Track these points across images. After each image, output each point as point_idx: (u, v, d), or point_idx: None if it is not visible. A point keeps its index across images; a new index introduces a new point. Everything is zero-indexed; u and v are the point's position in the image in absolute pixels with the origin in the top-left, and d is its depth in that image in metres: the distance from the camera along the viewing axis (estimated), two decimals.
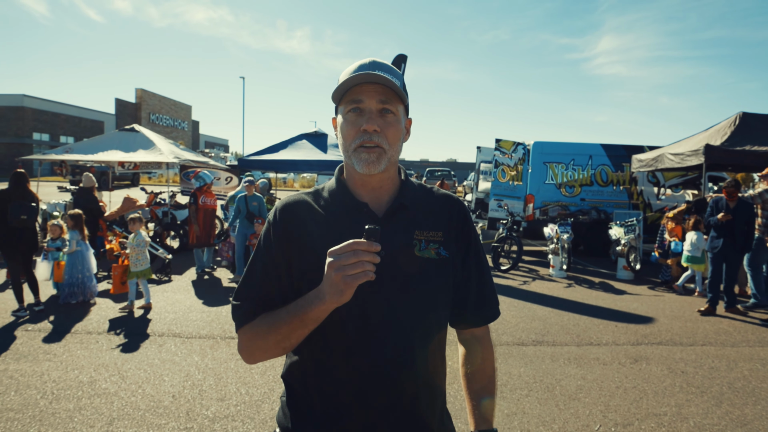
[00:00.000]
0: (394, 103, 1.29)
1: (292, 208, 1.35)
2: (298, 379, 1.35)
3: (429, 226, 1.34)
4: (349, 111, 1.28)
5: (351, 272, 1.06)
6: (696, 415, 4.05)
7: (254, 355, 1.30)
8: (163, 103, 61.94)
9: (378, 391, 1.24)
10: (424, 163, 69.04)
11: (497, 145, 12.50)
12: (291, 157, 12.25)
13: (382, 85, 1.26)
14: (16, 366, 4.69)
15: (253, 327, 1.28)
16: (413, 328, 1.27)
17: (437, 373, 1.36)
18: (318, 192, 1.40)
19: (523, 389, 4.46)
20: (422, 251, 1.31)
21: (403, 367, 1.25)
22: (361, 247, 1.07)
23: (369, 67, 1.27)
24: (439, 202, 1.41)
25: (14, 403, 3.99)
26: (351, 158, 1.28)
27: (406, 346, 1.26)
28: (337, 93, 1.30)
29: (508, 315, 6.78)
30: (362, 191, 1.35)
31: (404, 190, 1.38)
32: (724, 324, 6.63)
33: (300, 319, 1.17)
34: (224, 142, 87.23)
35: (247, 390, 4.30)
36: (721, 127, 9.86)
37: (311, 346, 1.29)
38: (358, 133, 1.26)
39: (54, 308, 6.59)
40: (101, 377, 4.49)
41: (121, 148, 11.83)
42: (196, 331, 5.79)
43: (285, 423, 1.35)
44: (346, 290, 1.08)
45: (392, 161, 1.32)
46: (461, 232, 1.40)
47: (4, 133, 45.39)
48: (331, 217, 1.32)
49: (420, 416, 1.30)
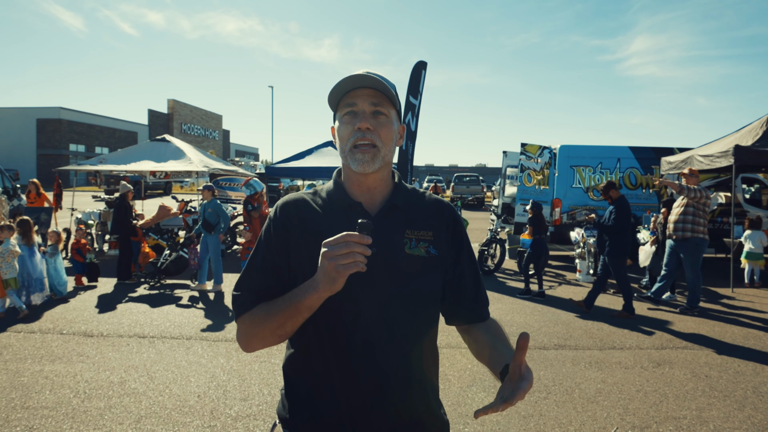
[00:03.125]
0: (386, 106, 1.37)
1: (291, 206, 1.44)
2: (295, 369, 1.42)
3: (420, 226, 1.42)
4: (344, 114, 1.38)
5: (343, 262, 1.12)
6: (717, 418, 4.00)
7: (251, 343, 1.37)
8: (194, 113, 63.36)
9: (370, 382, 1.31)
10: (452, 169, 68.97)
11: (523, 149, 12.44)
12: (316, 164, 12.45)
13: (374, 89, 1.35)
14: (51, 367, 4.91)
15: (251, 315, 1.35)
16: (404, 321, 1.34)
17: (428, 365, 1.43)
18: (316, 192, 1.49)
19: (541, 392, 4.47)
20: (412, 249, 1.38)
21: (395, 358, 1.33)
22: (354, 239, 1.13)
23: (362, 74, 1.36)
24: (430, 206, 1.49)
25: (49, 401, 4.18)
26: (348, 158, 1.37)
27: (397, 338, 1.33)
28: (333, 97, 1.39)
29: (531, 319, 6.77)
30: (357, 191, 1.43)
31: (397, 192, 1.46)
32: (753, 328, 6.49)
33: (295, 307, 1.24)
34: (254, 151, 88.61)
35: (269, 390, 4.42)
36: (753, 127, 9.65)
37: (306, 337, 1.36)
38: (352, 132, 1.35)
39: (87, 314, 6.84)
40: (131, 378, 4.67)
41: (152, 158, 12.20)
42: (222, 335, 5.95)
43: (283, 414, 1.43)
44: (338, 279, 1.15)
45: (386, 161, 1.39)
46: (452, 233, 1.47)
47: (42, 144, 47.10)
48: (327, 214, 1.40)
49: (411, 405, 1.37)
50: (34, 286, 7.08)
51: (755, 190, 12.74)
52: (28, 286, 7.02)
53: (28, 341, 5.64)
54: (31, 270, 7.10)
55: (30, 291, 7.04)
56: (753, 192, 12.73)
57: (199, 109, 64.68)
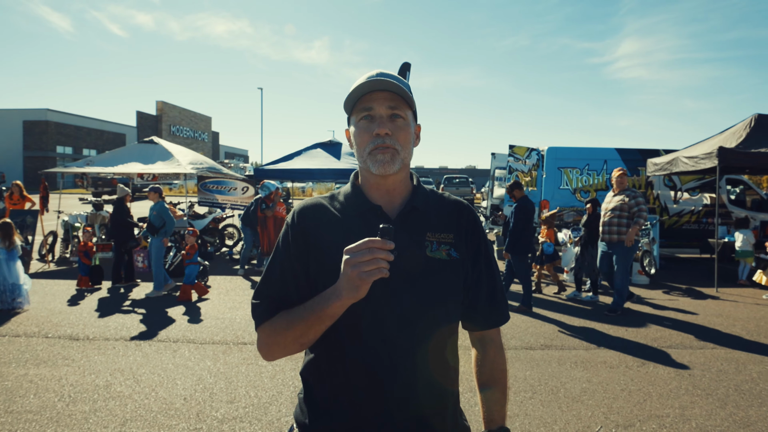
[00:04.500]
0: (402, 108, 1.36)
1: (309, 211, 1.41)
2: (314, 375, 1.39)
3: (440, 228, 1.40)
4: (361, 119, 1.36)
5: (366, 269, 1.11)
6: (699, 416, 4.05)
7: (272, 352, 1.35)
8: (183, 115, 63.01)
9: (391, 388, 1.28)
10: (442, 170, 69.00)
11: (511, 151, 12.53)
12: (305, 166, 12.43)
13: (389, 92, 1.33)
14: (36, 371, 4.87)
15: (271, 324, 1.33)
16: (424, 326, 1.31)
17: (448, 372, 1.40)
18: (334, 196, 1.46)
19: (527, 392, 4.50)
20: (434, 252, 1.36)
21: (415, 364, 1.30)
22: (376, 245, 1.12)
23: (376, 77, 1.33)
24: (450, 207, 1.47)
25: (33, 405, 4.15)
26: (366, 161, 1.35)
27: (417, 344, 1.30)
28: (349, 102, 1.37)
29: (518, 319, 6.81)
30: (376, 194, 1.40)
31: (416, 194, 1.43)
32: (737, 328, 6.58)
33: (317, 315, 1.22)
34: (244, 153, 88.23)
35: (256, 393, 4.42)
36: (737, 129, 9.78)
37: (327, 343, 1.33)
38: (371, 138, 1.33)
39: (73, 317, 6.79)
40: (116, 381, 4.65)
41: (140, 160, 12.11)
42: (209, 337, 5.93)
43: (302, 419, 1.39)
44: (361, 286, 1.13)
45: (405, 163, 1.37)
46: (471, 235, 1.44)
47: (28, 146, 46.58)
48: (345, 218, 1.38)
49: (431, 412, 1.34)
50: (12, 291, 7.02)
51: (739, 191, 12.90)
52: (4, 291, 6.95)
53: (12, 345, 5.59)
54: (8, 275, 7.02)
55: (9, 296, 6.98)
56: (737, 193, 12.90)
57: (189, 110, 64.33)
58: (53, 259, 11.22)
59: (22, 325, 6.30)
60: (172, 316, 6.87)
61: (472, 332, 1.52)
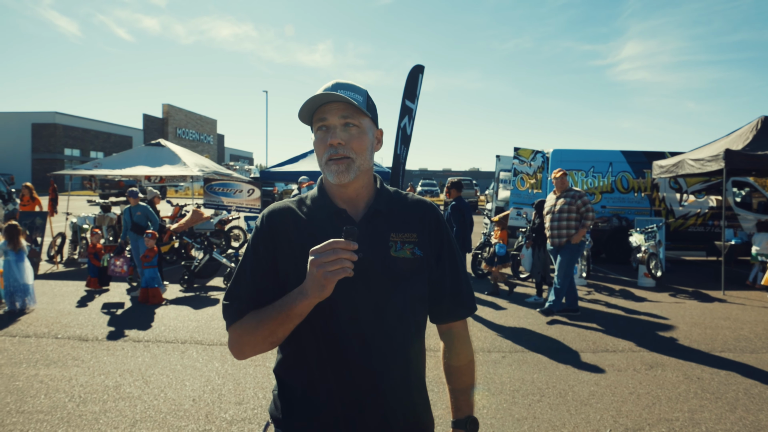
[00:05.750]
0: (356, 117, 1.40)
1: (277, 214, 1.46)
2: (286, 372, 1.46)
3: (404, 228, 1.46)
4: (318, 129, 1.42)
5: (331, 268, 1.16)
6: (708, 420, 4.05)
7: (243, 351, 1.40)
8: (189, 117, 63.21)
9: (365, 381, 1.36)
10: (446, 173, 68.98)
11: (516, 153, 12.52)
12: (311, 168, 12.47)
13: (343, 102, 1.37)
14: (46, 371, 4.91)
15: (242, 324, 1.38)
16: (392, 321, 1.39)
17: (417, 364, 1.47)
18: (302, 200, 1.52)
19: (535, 395, 4.50)
20: (398, 251, 1.42)
21: (384, 358, 1.37)
22: (340, 246, 1.17)
23: (331, 89, 1.39)
24: (413, 207, 1.53)
25: (44, 405, 4.19)
26: (324, 171, 1.42)
27: (386, 339, 1.38)
28: (306, 114, 1.42)
29: (525, 322, 6.81)
30: (340, 199, 1.46)
31: (380, 197, 1.49)
32: (744, 331, 6.56)
33: (285, 314, 1.28)
34: (249, 155, 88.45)
35: (264, 394, 4.43)
36: (743, 131, 9.76)
37: (296, 340, 1.39)
38: (326, 148, 1.39)
39: (82, 318, 6.84)
40: (126, 382, 4.68)
41: (147, 162, 12.18)
42: (217, 339, 5.96)
43: (276, 414, 1.47)
44: (327, 285, 1.19)
45: (362, 170, 1.42)
46: (435, 233, 1.50)
47: (37, 149, 46.98)
48: (312, 221, 1.44)
49: (405, 402, 1.42)
50: (22, 291, 7.08)
51: (746, 193, 12.86)
52: (14, 292, 7.01)
53: (23, 345, 5.63)
54: (18, 276, 7.09)
55: (18, 297, 7.04)
56: (744, 195, 12.85)
57: (194, 113, 64.53)
58: (62, 261, 11.28)
59: (32, 326, 6.35)
60: (179, 317, 6.90)
61: (439, 325, 1.59)
